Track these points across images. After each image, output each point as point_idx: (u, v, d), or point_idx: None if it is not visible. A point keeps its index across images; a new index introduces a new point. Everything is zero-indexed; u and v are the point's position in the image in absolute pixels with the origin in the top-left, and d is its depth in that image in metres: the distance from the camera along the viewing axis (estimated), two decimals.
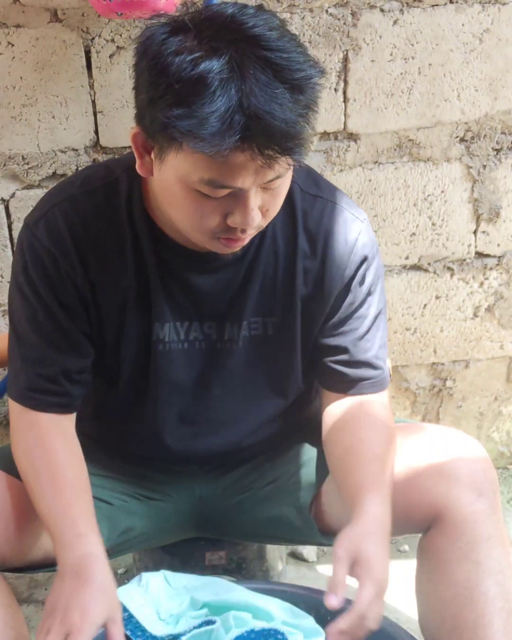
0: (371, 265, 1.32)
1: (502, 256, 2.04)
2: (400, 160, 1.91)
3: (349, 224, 1.30)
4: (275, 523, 1.44)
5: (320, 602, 1.33)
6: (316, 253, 1.29)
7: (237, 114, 0.98)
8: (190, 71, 0.99)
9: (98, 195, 1.25)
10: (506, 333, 2.12)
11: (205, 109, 0.98)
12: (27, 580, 1.89)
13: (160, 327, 1.29)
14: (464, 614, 1.17)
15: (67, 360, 1.28)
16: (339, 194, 1.33)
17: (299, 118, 1.02)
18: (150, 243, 1.25)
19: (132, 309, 1.28)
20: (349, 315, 1.32)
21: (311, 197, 1.28)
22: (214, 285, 1.28)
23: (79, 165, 1.78)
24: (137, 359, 1.31)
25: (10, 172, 1.78)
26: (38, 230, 1.24)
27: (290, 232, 1.28)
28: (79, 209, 1.24)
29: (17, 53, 1.69)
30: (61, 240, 1.23)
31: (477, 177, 1.95)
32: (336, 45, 1.79)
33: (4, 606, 1.17)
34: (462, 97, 1.88)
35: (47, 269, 1.24)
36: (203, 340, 1.32)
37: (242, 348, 1.32)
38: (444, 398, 2.17)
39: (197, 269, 1.27)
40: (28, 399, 1.28)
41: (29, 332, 1.27)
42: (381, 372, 1.36)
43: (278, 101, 0.99)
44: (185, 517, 1.48)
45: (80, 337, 1.28)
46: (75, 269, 1.24)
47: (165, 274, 1.27)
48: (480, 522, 1.19)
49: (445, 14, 1.81)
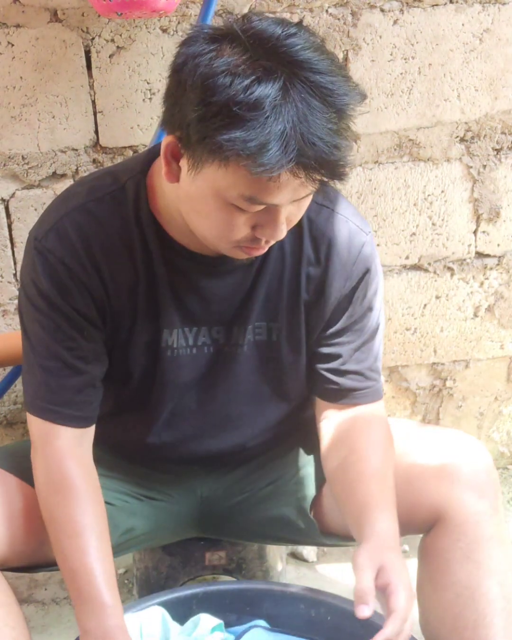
0: (373, 278, 1.33)
1: (502, 256, 2.04)
2: (400, 160, 1.91)
3: (353, 235, 1.30)
4: (276, 523, 1.44)
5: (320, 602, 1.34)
6: (320, 260, 1.29)
7: (292, 139, 0.99)
8: (248, 94, 0.98)
9: (106, 204, 1.24)
10: (506, 333, 2.12)
11: (263, 133, 0.98)
12: (27, 580, 1.89)
13: (168, 333, 1.29)
14: (465, 614, 1.17)
15: (92, 368, 1.27)
16: (346, 205, 1.33)
17: (346, 143, 1.03)
18: (159, 249, 1.24)
19: (142, 316, 1.27)
20: (348, 327, 1.33)
21: (316, 205, 1.28)
22: (224, 289, 1.28)
23: (79, 165, 1.78)
24: (145, 365, 1.31)
25: (10, 172, 1.78)
26: (49, 242, 1.22)
27: (296, 238, 1.28)
28: (88, 218, 1.23)
29: (17, 53, 1.69)
30: (74, 250, 1.22)
31: (477, 177, 1.95)
32: (336, 45, 1.78)
33: (4, 605, 1.18)
34: (462, 97, 1.88)
35: (61, 279, 1.22)
36: (211, 345, 1.32)
37: (247, 352, 1.32)
38: (444, 398, 2.17)
39: (206, 273, 1.27)
40: (49, 412, 1.25)
41: (49, 343, 1.25)
42: (374, 384, 1.36)
43: (329, 127, 1.00)
44: (187, 517, 1.48)
45: (98, 344, 1.27)
46: (90, 277, 1.23)
47: (174, 280, 1.26)
48: (481, 523, 1.20)
49: (445, 13, 1.81)
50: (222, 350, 1.32)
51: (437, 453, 1.27)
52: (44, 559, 1.29)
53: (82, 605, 1.19)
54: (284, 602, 1.34)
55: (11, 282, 1.86)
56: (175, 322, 1.28)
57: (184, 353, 1.31)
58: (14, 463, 1.32)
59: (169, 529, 1.49)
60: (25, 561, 1.27)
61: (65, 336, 1.24)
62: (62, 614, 1.82)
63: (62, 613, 1.82)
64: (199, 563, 1.61)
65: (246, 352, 1.32)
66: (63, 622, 1.79)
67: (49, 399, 1.25)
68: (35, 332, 1.26)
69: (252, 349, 1.32)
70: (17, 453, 1.36)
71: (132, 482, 1.41)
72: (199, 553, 1.61)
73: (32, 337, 1.26)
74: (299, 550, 1.98)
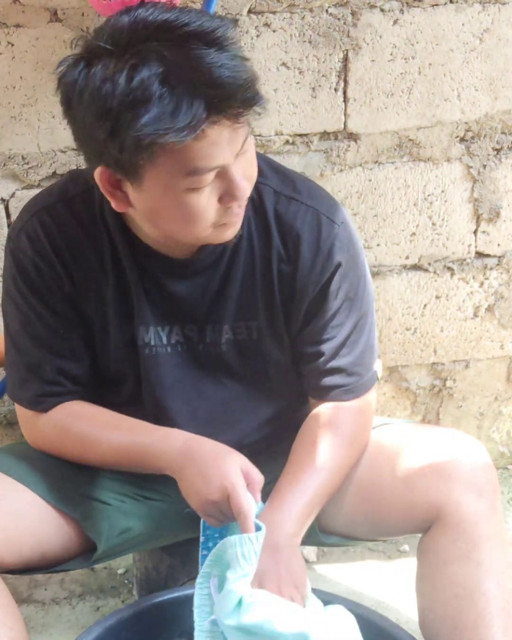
0: (347, 270, 1.30)
1: (502, 256, 2.04)
2: (400, 160, 1.91)
3: (324, 229, 1.28)
4: None
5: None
6: (290, 256, 1.28)
7: (193, 92, 1.01)
8: (133, 84, 1.01)
9: (76, 204, 1.26)
10: (506, 333, 2.12)
11: (165, 103, 1.01)
12: (27, 580, 1.89)
13: (144, 330, 1.31)
14: (464, 614, 1.17)
15: (66, 364, 1.31)
16: (318, 197, 1.31)
17: (239, 68, 1.05)
18: (127, 249, 1.27)
19: (116, 314, 1.30)
20: (326, 324, 1.31)
21: (286, 199, 1.28)
22: (191, 290, 1.29)
23: (79, 165, 1.78)
24: (128, 364, 1.33)
25: (10, 172, 1.78)
26: (21, 241, 1.26)
27: (264, 235, 1.28)
28: (56, 217, 1.26)
29: (17, 53, 1.69)
30: (42, 250, 1.25)
31: (477, 177, 1.95)
32: (336, 45, 1.78)
33: (1, 606, 1.17)
34: (462, 97, 1.88)
35: (33, 279, 1.26)
36: (185, 343, 1.33)
37: (229, 352, 1.33)
38: (444, 398, 2.17)
39: (173, 275, 1.28)
40: (38, 404, 1.31)
41: (26, 339, 1.29)
42: (357, 379, 1.34)
43: (217, 64, 1.03)
44: (185, 518, 1.48)
45: (76, 342, 1.31)
46: (60, 276, 1.26)
47: (144, 279, 1.28)
48: (481, 522, 1.20)
49: (445, 13, 1.81)
50: (197, 348, 1.33)
51: (436, 453, 1.27)
52: (39, 559, 1.29)
53: (151, 452, 1.25)
54: None
55: None
56: (149, 320, 1.30)
57: (161, 351, 1.32)
58: (11, 464, 1.32)
59: (167, 529, 1.49)
60: (22, 564, 1.27)
61: (42, 333, 1.28)
62: (62, 614, 1.82)
63: (62, 613, 1.82)
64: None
65: (228, 352, 1.33)
66: (63, 622, 1.79)
67: (31, 392, 1.31)
68: (15, 328, 1.30)
69: (233, 348, 1.33)
70: (15, 454, 1.36)
71: (129, 482, 1.41)
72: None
73: (12, 333, 1.31)
74: None
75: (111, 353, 1.32)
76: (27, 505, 1.27)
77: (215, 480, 1.17)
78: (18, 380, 1.33)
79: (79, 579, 1.89)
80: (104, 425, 1.30)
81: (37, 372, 1.30)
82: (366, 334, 1.35)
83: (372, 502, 1.32)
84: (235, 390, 1.37)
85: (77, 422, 1.31)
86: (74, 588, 1.88)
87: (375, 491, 1.32)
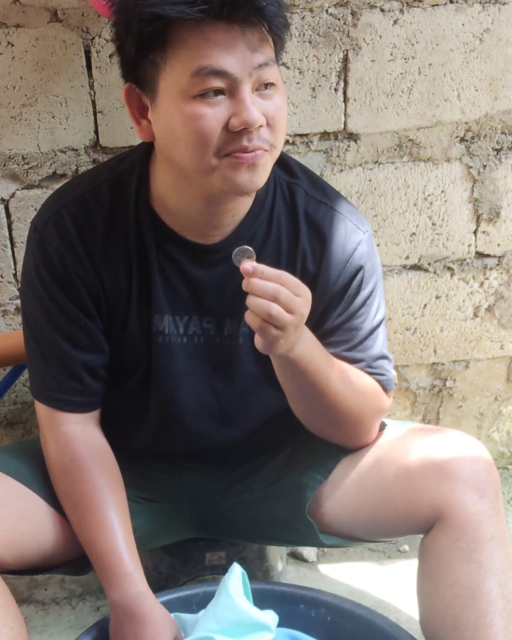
0: (367, 276, 1.32)
1: (502, 256, 2.04)
2: (400, 160, 1.91)
3: (350, 233, 1.31)
4: (274, 524, 1.44)
5: (320, 602, 1.34)
6: (315, 256, 1.30)
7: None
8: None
9: (104, 192, 1.27)
10: (506, 333, 2.12)
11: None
12: (27, 580, 1.89)
13: (160, 318, 1.30)
14: (465, 614, 1.17)
15: (87, 356, 1.30)
16: (345, 204, 1.34)
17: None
18: (152, 235, 1.27)
19: (135, 302, 1.29)
20: (340, 325, 1.32)
21: (315, 201, 1.29)
22: (215, 279, 1.29)
23: (79, 165, 1.78)
24: (139, 351, 1.32)
25: (10, 172, 1.78)
26: (47, 231, 1.26)
27: (293, 232, 1.29)
28: (85, 209, 1.26)
29: (17, 53, 1.69)
30: (70, 240, 1.25)
31: (477, 177, 1.95)
32: (336, 45, 1.78)
33: (2, 606, 1.17)
34: (462, 97, 1.88)
35: (57, 269, 1.26)
36: (202, 335, 1.32)
37: (244, 345, 1.33)
38: (444, 398, 2.17)
39: (198, 262, 1.28)
40: (54, 401, 1.31)
41: (47, 331, 1.28)
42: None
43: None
44: (185, 518, 1.48)
45: (96, 333, 1.30)
46: (84, 268, 1.26)
47: (166, 267, 1.28)
48: (482, 523, 1.20)
49: (445, 13, 1.81)
50: (213, 341, 1.33)
51: (437, 453, 1.27)
52: (40, 560, 1.29)
53: (104, 576, 1.23)
54: (284, 602, 1.34)
55: (11, 282, 1.86)
56: (165, 309, 1.30)
57: (175, 341, 1.32)
58: (12, 465, 1.32)
59: (168, 530, 1.49)
60: (23, 565, 1.27)
61: (63, 326, 1.28)
62: (62, 614, 1.82)
63: (62, 613, 1.82)
64: (199, 563, 1.61)
65: (243, 344, 1.33)
66: (63, 622, 1.79)
67: (52, 388, 1.30)
68: (35, 320, 1.29)
69: (248, 341, 1.32)
70: (15, 454, 1.36)
71: (130, 484, 1.40)
72: (198, 553, 1.61)
73: (32, 325, 1.30)
74: (299, 550, 1.98)
75: (127, 342, 1.32)
76: (30, 508, 1.27)
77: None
78: (38, 373, 1.32)
79: (79, 579, 1.89)
80: (90, 511, 1.27)
81: (57, 364, 1.29)
82: (379, 343, 1.36)
83: (374, 502, 1.32)
84: (245, 385, 1.37)
85: (78, 483, 1.28)
86: (74, 588, 1.89)
87: (376, 492, 1.32)
